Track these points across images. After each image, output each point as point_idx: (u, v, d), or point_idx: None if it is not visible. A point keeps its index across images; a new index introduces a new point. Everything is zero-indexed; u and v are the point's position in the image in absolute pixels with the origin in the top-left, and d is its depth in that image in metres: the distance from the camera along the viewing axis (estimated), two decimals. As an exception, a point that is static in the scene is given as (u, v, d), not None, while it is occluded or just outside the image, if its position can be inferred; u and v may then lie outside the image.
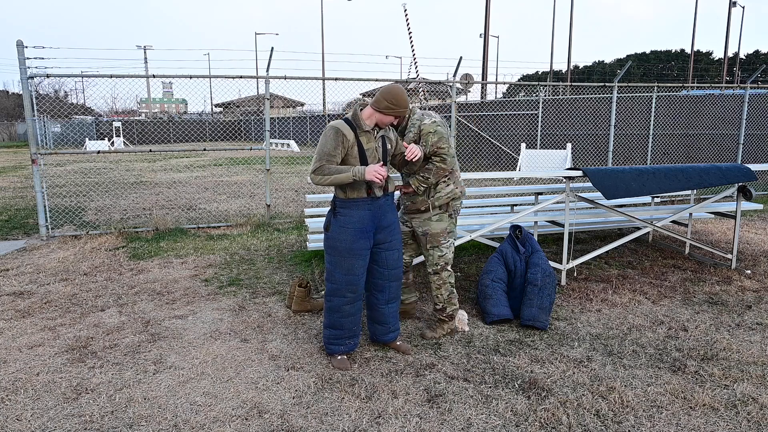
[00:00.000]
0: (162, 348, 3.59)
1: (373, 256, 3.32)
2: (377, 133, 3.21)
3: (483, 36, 20.62)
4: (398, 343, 3.55)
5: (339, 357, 3.32)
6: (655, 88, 12.72)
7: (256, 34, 47.22)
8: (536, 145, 14.80)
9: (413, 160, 3.33)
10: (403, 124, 3.59)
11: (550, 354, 3.47)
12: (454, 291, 3.74)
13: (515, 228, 4.31)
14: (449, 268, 3.69)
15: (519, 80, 47.19)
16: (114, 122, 34.17)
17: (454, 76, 8.58)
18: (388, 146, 3.30)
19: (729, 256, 5.37)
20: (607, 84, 9.26)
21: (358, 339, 3.40)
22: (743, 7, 33.85)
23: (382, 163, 3.22)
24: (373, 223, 3.20)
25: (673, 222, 5.87)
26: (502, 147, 14.78)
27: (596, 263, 5.55)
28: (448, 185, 3.58)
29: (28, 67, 6.53)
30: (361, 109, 3.19)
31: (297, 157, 21.29)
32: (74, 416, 2.79)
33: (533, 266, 4.02)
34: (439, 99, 29.30)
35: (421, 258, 4.81)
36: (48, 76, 7.09)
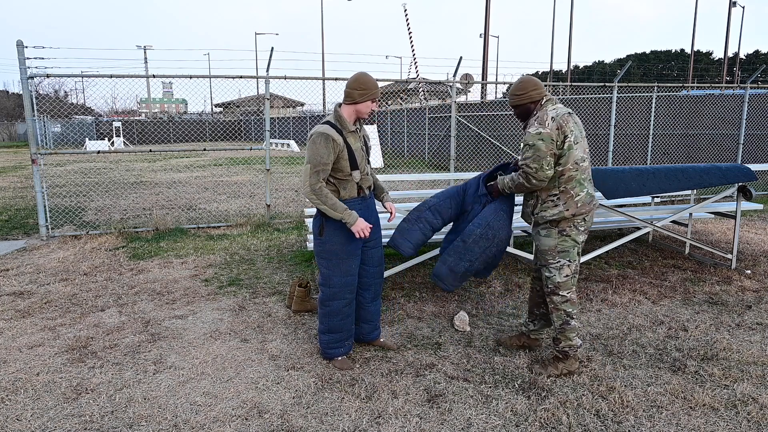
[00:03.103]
0: (162, 348, 3.59)
1: (360, 255, 3.32)
2: (360, 131, 3.19)
3: (483, 36, 20.62)
4: (382, 340, 3.59)
5: (340, 358, 3.33)
6: (655, 88, 12.71)
7: (256, 34, 47.21)
8: (536, 145, 14.75)
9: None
10: (528, 120, 3.14)
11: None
12: (572, 323, 3.14)
13: (499, 168, 3.51)
14: (563, 293, 3.13)
15: (519, 80, 47.05)
16: (114, 122, 34.15)
17: (454, 76, 8.58)
18: (369, 143, 3.30)
19: (729, 256, 5.37)
20: (607, 84, 9.26)
21: (353, 339, 3.41)
22: (743, 7, 33.85)
23: (370, 226, 3.11)
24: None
25: (673, 222, 5.87)
26: (502, 147, 14.77)
27: (596, 263, 5.55)
28: (555, 205, 3.07)
29: (28, 67, 6.53)
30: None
31: (297, 157, 21.29)
32: (74, 416, 2.79)
33: (481, 217, 3.27)
34: (439, 99, 29.31)
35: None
36: (48, 76, 7.09)
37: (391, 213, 3.36)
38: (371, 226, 3.14)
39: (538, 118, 3.03)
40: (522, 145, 3.07)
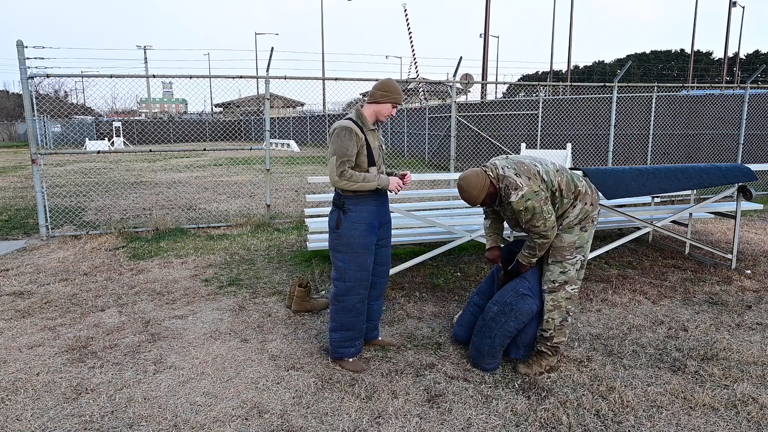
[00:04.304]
0: (162, 348, 3.59)
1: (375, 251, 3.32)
2: (378, 131, 3.25)
3: (483, 36, 20.63)
4: (380, 338, 3.62)
5: (351, 359, 3.31)
6: (655, 88, 12.72)
7: (256, 34, 47.23)
8: (536, 145, 14.80)
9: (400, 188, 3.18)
10: (498, 197, 3.09)
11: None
12: (569, 319, 3.20)
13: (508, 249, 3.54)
14: (570, 288, 3.16)
15: (519, 80, 47.15)
16: (114, 122, 34.14)
17: (454, 76, 8.58)
18: (383, 146, 3.34)
19: (729, 256, 5.38)
20: (607, 84, 9.26)
21: (363, 339, 3.41)
22: (743, 7, 33.85)
23: (403, 174, 3.26)
24: (378, 218, 3.22)
25: (673, 222, 5.87)
26: (502, 147, 14.77)
27: (596, 263, 5.55)
28: (575, 207, 3.12)
29: (28, 67, 6.53)
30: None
31: (297, 157, 21.29)
32: (74, 416, 2.79)
33: (500, 293, 3.28)
34: (439, 99, 29.30)
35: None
36: (48, 76, 7.09)
37: (404, 176, 3.27)
38: (404, 178, 3.23)
39: (511, 185, 2.97)
40: (515, 213, 3.03)
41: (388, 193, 3.30)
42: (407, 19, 33.13)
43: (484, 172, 3.05)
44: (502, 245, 3.54)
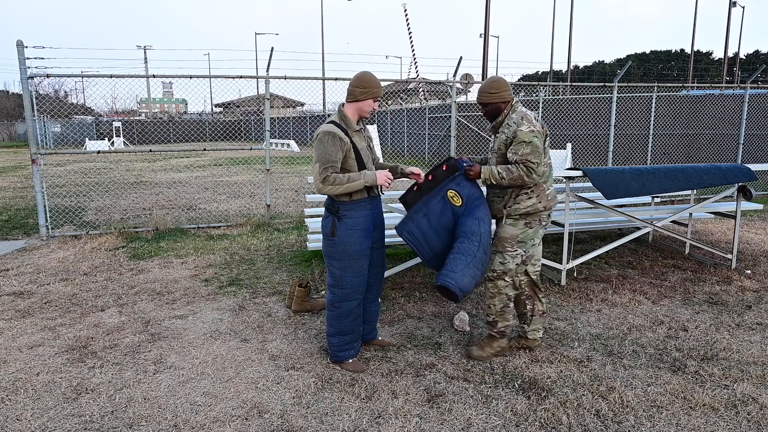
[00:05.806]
0: (162, 348, 3.59)
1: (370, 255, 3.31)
2: (364, 130, 3.19)
3: (483, 36, 20.63)
4: (379, 338, 3.62)
5: (351, 361, 3.31)
6: (655, 88, 12.72)
7: (256, 34, 47.31)
8: (536, 145, 14.77)
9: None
10: (499, 119, 3.25)
11: (550, 354, 3.46)
12: (510, 306, 3.38)
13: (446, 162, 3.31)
14: (509, 279, 3.31)
15: (519, 80, 47.10)
16: (114, 122, 34.14)
17: (454, 76, 8.58)
18: (372, 144, 3.29)
19: (729, 256, 5.37)
20: (607, 84, 9.26)
21: (361, 340, 3.41)
22: (743, 7, 33.84)
23: (388, 169, 3.20)
24: (373, 222, 3.20)
25: (673, 222, 5.87)
26: (502, 147, 14.76)
27: (596, 263, 5.55)
28: (529, 198, 3.23)
29: (28, 67, 6.53)
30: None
31: (297, 157, 21.29)
32: (74, 416, 2.79)
33: (485, 232, 3.11)
34: (439, 99, 29.30)
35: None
36: (48, 76, 7.10)
37: (419, 174, 3.23)
38: (389, 175, 3.09)
39: (525, 118, 3.17)
40: (514, 142, 3.14)
41: (382, 192, 3.23)
42: (407, 19, 33.15)
43: (512, 96, 3.26)
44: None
